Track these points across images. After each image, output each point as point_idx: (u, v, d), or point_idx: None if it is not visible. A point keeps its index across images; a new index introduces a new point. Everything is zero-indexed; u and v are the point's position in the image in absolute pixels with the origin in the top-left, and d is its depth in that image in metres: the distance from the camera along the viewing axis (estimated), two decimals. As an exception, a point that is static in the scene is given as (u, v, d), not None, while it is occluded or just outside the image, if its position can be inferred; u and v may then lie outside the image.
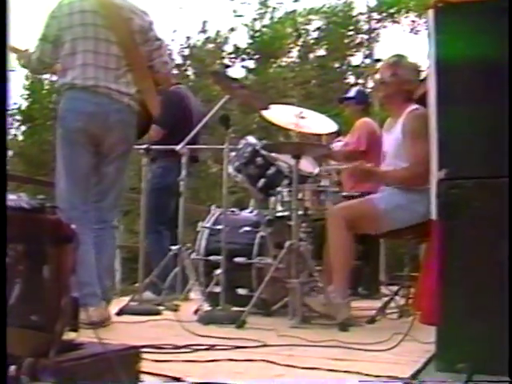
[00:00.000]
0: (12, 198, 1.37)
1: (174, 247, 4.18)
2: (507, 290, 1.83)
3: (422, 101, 3.23)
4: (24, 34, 3.51)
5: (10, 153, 18.13)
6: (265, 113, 4.01)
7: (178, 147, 4.15)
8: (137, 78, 3.39)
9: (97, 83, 3.27)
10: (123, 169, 3.48)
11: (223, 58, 21.71)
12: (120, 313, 3.74)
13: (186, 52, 21.48)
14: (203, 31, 21.92)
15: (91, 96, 3.27)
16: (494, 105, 1.99)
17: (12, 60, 3.44)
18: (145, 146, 4.34)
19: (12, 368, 1.24)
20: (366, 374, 1.88)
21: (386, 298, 4.12)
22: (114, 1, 3.37)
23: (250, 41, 22.14)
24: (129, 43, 3.36)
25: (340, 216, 3.54)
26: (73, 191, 3.26)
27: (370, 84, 18.43)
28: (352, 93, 5.86)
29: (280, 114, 3.96)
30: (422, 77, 3.72)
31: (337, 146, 5.40)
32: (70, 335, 1.46)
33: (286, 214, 3.94)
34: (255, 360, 2.12)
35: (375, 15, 21.88)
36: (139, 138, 3.73)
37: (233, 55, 21.98)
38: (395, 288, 4.16)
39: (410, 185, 3.51)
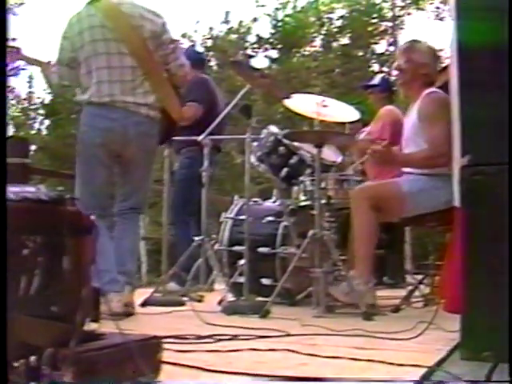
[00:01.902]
0: (30, 190, 1.38)
1: (197, 238, 4.18)
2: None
3: (446, 88, 3.20)
4: (46, 47, 3.55)
5: (33, 147, 18.32)
6: (287, 102, 3.99)
7: (200, 138, 4.16)
8: (154, 85, 3.38)
9: (113, 99, 3.28)
10: (146, 176, 3.51)
11: (246, 48, 21.68)
12: (144, 304, 3.76)
13: (209, 43, 21.48)
14: (226, 22, 21.91)
15: (108, 112, 3.29)
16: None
17: (37, 73, 3.50)
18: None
19: (32, 358, 1.25)
20: (390, 363, 1.86)
21: (411, 287, 4.10)
22: (122, 10, 3.35)
23: (273, 30, 22.06)
24: (142, 52, 3.34)
25: (364, 196, 3.51)
26: (88, 203, 3.22)
27: (395, 72, 18.26)
28: (376, 80, 5.79)
29: (302, 103, 3.94)
30: (438, 60, 3.70)
31: (361, 136, 5.36)
32: (91, 326, 1.46)
33: (309, 203, 3.93)
34: (278, 349, 2.12)
35: (399, 2, 21.69)
36: (161, 144, 3.74)
37: (256, 45, 21.94)
38: (421, 277, 4.13)
39: (432, 166, 3.48)
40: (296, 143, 4.10)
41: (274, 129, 4.19)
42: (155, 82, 3.39)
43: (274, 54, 21.99)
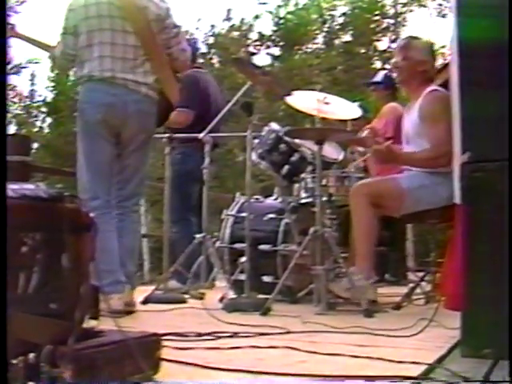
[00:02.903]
0: (29, 188, 1.38)
1: (198, 235, 4.18)
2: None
3: (447, 86, 3.19)
4: (54, 31, 3.55)
5: (35, 145, 18.35)
6: (288, 99, 3.98)
7: (200, 135, 4.15)
8: (155, 66, 3.39)
9: (114, 75, 3.28)
10: (144, 158, 3.49)
11: (248, 45, 21.67)
12: (145, 301, 3.76)
13: (211, 40, 21.49)
14: (228, 19, 21.91)
15: (109, 87, 3.28)
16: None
17: (45, 56, 3.48)
18: (168, 135, 4.34)
19: (31, 356, 1.25)
20: (390, 360, 1.86)
21: (412, 285, 4.09)
22: None
23: (275, 28, 22.04)
24: (146, 32, 3.36)
25: (363, 193, 3.50)
26: (95, 182, 3.28)
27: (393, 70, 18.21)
28: (379, 77, 5.76)
29: (303, 100, 3.93)
30: (436, 55, 3.69)
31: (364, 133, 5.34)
32: (90, 323, 1.46)
33: (310, 200, 3.92)
34: (278, 347, 2.12)
35: (401, -1, 21.65)
36: (159, 127, 3.73)
37: (258, 43, 21.92)
38: (422, 274, 4.12)
39: (434, 166, 3.47)
40: (297, 140, 4.09)
41: (275, 126, 4.19)
42: (156, 64, 3.41)
43: (276, 51, 21.98)
